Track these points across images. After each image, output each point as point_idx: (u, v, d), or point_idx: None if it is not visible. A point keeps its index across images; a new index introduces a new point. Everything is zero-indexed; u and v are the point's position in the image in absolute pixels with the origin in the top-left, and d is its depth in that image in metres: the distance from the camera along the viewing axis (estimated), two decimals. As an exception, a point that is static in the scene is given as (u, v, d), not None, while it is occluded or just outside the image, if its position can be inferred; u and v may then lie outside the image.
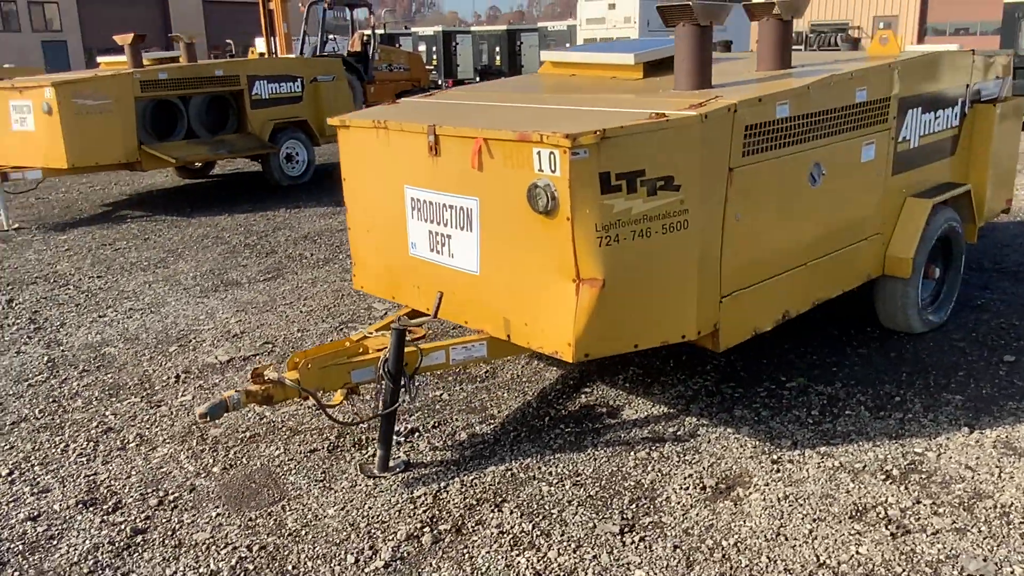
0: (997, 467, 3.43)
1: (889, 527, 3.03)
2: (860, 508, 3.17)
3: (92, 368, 4.77)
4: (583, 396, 4.22)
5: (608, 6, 16.65)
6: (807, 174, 3.89)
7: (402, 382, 3.47)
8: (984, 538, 2.95)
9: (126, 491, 3.43)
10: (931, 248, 4.73)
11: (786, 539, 2.99)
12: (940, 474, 3.39)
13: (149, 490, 3.42)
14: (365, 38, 19.71)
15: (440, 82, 22.86)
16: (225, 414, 3.24)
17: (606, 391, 4.26)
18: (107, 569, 2.90)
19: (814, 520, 3.10)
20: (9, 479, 3.54)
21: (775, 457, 3.57)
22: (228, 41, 19.74)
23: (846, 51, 5.57)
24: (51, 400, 4.33)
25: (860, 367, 4.47)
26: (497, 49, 21.44)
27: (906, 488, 3.29)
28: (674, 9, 3.82)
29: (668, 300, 3.45)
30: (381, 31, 23.35)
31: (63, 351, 5.08)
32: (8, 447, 3.83)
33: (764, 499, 3.25)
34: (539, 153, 3.17)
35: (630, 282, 3.34)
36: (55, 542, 3.08)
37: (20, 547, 3.05)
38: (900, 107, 4.41)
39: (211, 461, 3.65)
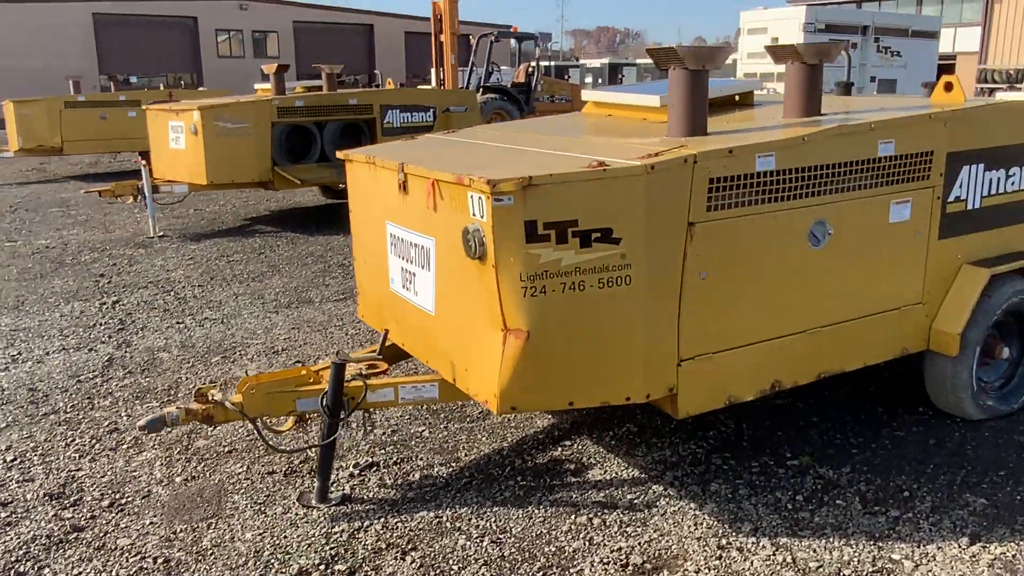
0: (987, 588, 2.93)
1: (804, 641, 2.68)
2: (783, 614, 2.81)
3: (137, 371, 5.20)
4: (558, 449, 4.05)
5: (771, 39, 15.96)
6: (806, 233, 3.54)
7: (341, 415, 3.51)
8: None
9: (91, 489, 3.70)
10: (993, 324, 4.13)
11: (680, 636, 2.72)
12: (906, 586, 2.95)
13: (109, 491, 3.68)
14: (530, 69, 20.18)
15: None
16: (164, 429, 3.43)
17: (585, 447, 4.06)
18: (30, 562, 3.15)
19: (724, 618, 2.79)
20: (8, 465, 3.93)
21: (724, 542, 3.24)
22: (376, 72, 20.86)
23: (920, 98, 5.01)
24: (87, 397, 4.77)
25: (883, 452, 3.97)
26: (600, 81, 21.14)
27: (854, 599, 2.89)
28: (662, 53, 3.63)
29: (608, 358, 3.25)
30: (547, 63, 23.85)
31: (125, 352, 5.57)
32: (27, 436, 4.26)
33: (685, 587, 2.97)
34: (471, 197, 3.11)
35: (560, 336, 3.18)
36: (7, 529, 3.37)
37: (-23, 529, 3.37)
38: (950, 162, 3.91)
39: (178, 471, 3.86)
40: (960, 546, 3.19)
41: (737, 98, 4.90)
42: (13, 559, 3.16)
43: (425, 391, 3.64)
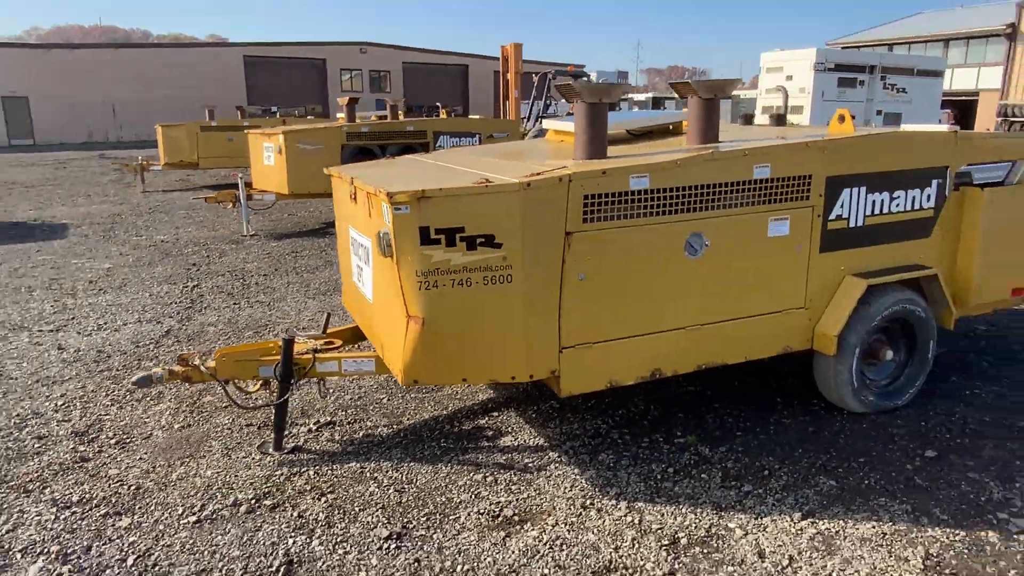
0: (789, 559, 2.81)
1: (616, 589, 2.64)
2: (607, 566, 2.77)
3: (184, 341, 5.49)
4: (485, 418, 4.07)
5: (786, 78, 15.37)
6: (682, 244, 3.46)
7: (292, 382, 3.64)
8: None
9: (108, 430, 3.95)
10: (874, 329, 3.93)
11: (529, 572, 2.72)
12: (724, 552, 2.86)
13: (121, 433, 3.92)
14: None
15: (646, 140, 22.49)
16: (151, 386, 3.62)
17: (508, 417, 4.08)
18: (39, 482, 3.40)
19: (556, 567, 2.78)
20: (56, 408, 4.23)
21: (588, 503, 3.22)
22: (436, 104, 21.07)
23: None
24: (137, 359, 5.07)
25: (763, 436, 3.84)
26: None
27: (675, 557, 2.82)
28: (565, 88, 3.61)
29: (494, 343, 3.27)
30: (627, 97, 23.65)
31: (183, 326, 5.88)
32: (80, 386, 4.57)
33: (536, 538, 2.96)
34: (383, 206, 3.18)
35: (451, 324, 3.22)
36: (35, 457, 3.65)
37: (13, 453, 3.66)
38: (830, 185, 3.73)
39: (179, 420, 4.07)
40: (792, 520, 3.07)
41: (671, 127, 4.81)
42: (28, 480, 3.42)
43: (363, 365, 3.74)
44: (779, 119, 5.21)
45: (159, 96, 35.46)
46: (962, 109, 33.56)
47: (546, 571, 2.74)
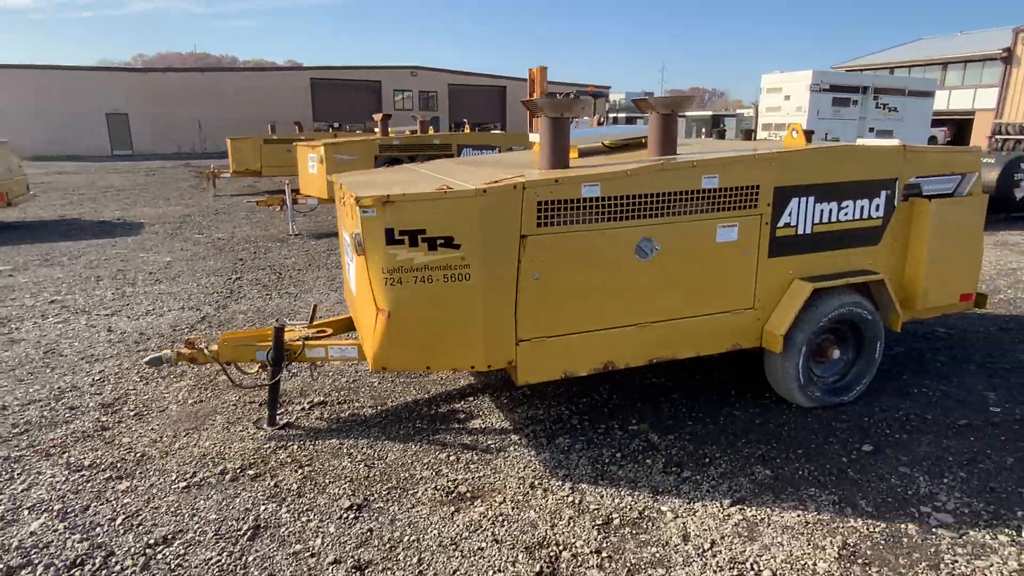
0: (712, 543, 2.67)
1: (543, 561, 2.53)
2: (540, 542, 2.67)
3: (216, 326, 5.54)
4: (460, 402, 4.00)
5: (784, 98, 14.88)
6: (633, 247, 3.32)
7: (283, 365, 3.62)
8: (612, 599, 2.34)
9: (132, 403, 3.99)
10: (821, 329, 3.73)
11: (453, 547, 2.64)
12: (651, 533, 2.73)
13: (142, 406, 3.95)
14: (600, 120, 19.79)
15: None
16: (161, 365, 3.64)
17: (482, 402, 3.99)
18: (61, 447, 3.44)
19: (493, 540, 2.69)
20: (92, 383, 4.29)
21: (536, 483, 3.12)
22: (463, 120, 20.95)
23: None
24: (171, 341, 5.13)
25: (712, 426, 3.68)
26: (703, 130, 20.18)
27: (605, 537, 2.71)
28: (531, 104, 3.50)
29: (454, 335, 3.18)
30: (615, 115, 23.31)
31: (218, 313, 5.94)
32: (117, 364, 4.63)
33: (482, 513, 2.88)
34: (357, 209, 3.12)
35: (415, 316, 3.14)
36: (65, 425, 3.70)
37: (45, 421, 3.71)
38: (778, 195, 3.55)
39: (194, 396, 4.09)
40: (722, 506, 2.92)
41: (643, 140, 4.64)
42: (53, 445, 3.47)
43: (347, 351, 3.69)
44: (748, 134, 5.00)
45: (238, 114, 36.20)
46: (959, 127, 32.26)
47: (483, 545, 2.65)
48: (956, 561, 2.56)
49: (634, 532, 2.73)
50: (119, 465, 3.24)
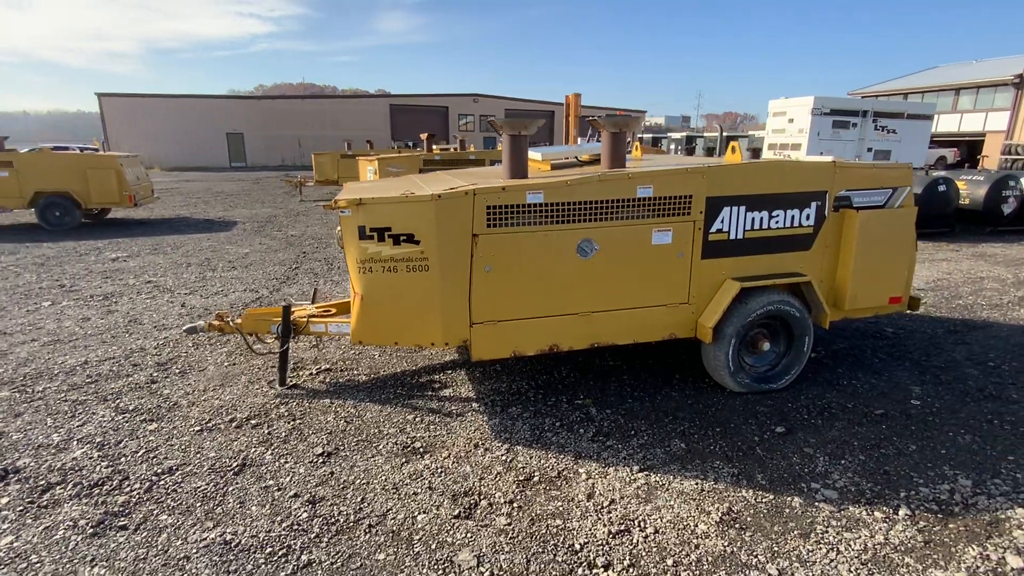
0: (611, 501, 2.64)
1: (462, 507, 2.58)
2: (466, 491, 2.71)
3: (266, 304, 5.80)
4: (440, 374, 4.07)
5: (788, 120, 14.19)
6: (574, 247, 3.30)
7: (291, 337, 3.78)
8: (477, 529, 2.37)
9: (180, 363, 4.24)
10: (750, 323, 3.60)
11: (393, 491, 2.71)
12: (562, 490, 2.73)
13: (187, 366, 4.20)
14: (629, 140, 19.45)
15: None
16: (196, 333, 3.86)
17: (457, 374, 4.05)
18: (115, 394, 3.71)
19: (428, 488, 2.75)
20: (157, 348, 4.59)
21: (480, 443, 3.16)
22: (495, 137, 20.82)
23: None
24: (212, 314, 5.40)
25: (648, 403, 3.61)
26: (715, 149, 19.57)
27: (521, 491, 2.72)
28: (493, 122, 3.51)
29: (416, 316, 3.25)
30: (643, 135, 22.77)
31: (270, 295, 6.21)
32: (180, 333, 4.92)
33: (427, 466, 2.94)
34: (338, 210, 3.23)
35: (383, 300, 3.23)
36: (125, 378, 3.98)
37: (112, 374, 4.01)
38: (711, 204, 3.45)
39: (231, 360, 4.31)
40: (631, 471, 2.88)
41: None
42: (111, 393, 3.75)
43: (343, 328, 3.81)
44: (709, 151, 4.84)
45: (331, 133, 37.47)
46: (970, 148, 30.01)
47: (418, 491, 2.72)
48: (827, 531, 2.44)
49: (547, 488, 2.74)
50: (154, 411, 3.48)
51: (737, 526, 2.47)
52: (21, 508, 2.55)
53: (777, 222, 3.62)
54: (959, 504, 2.63)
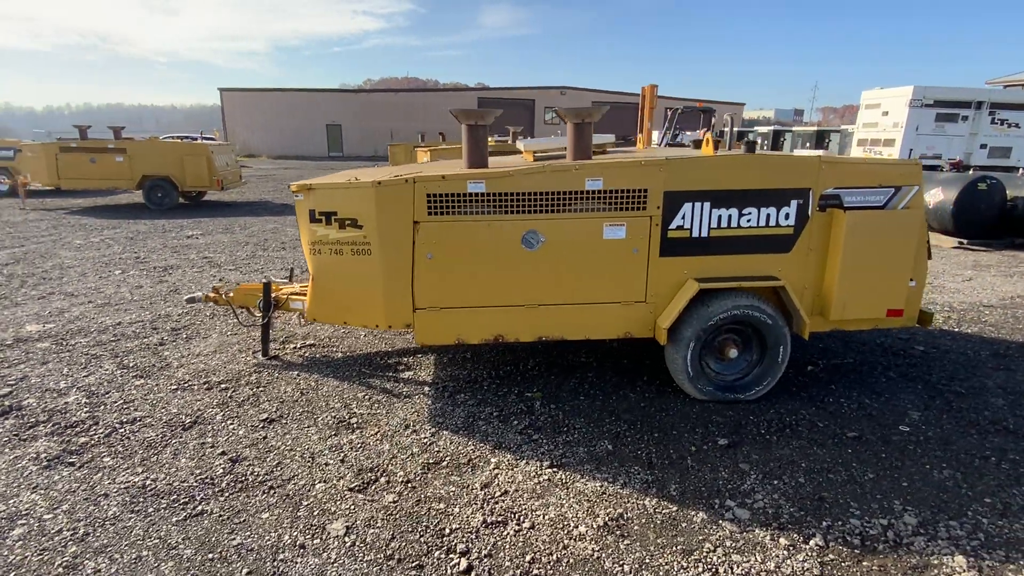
0: (504, 492, 2.63)
1: (361, 481, 2.68)
2: (372, 467, 2.81)
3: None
4: (407, 358, 4.19)
5: (882, 113, 12.75)
6: (519, 238, 3.27)
7: (271, 311, 4.07)
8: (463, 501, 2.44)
9: (192, 328, 4.70)
10: (712, 327, 3.38)
11: (309, 459, 2.88)
12: (463, 476, 2.75)
13: (196, 332, 4.64)
14: (706, 133, 18.53)
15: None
16: (195, 303, 4.26)
17: (424, 359, 4.15)
18: (126, 353, 4.20)
19: (340, 460, 2.88)
20: (179, 314, 5.11)
21: (414, 423, 3.24)
22: (558, 133, 20.29)
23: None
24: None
25: (598, 403, 3.51)
26: (808, 144, 17.91)
27: (425, 472, 2.78)
28: (455, 113, 3.54)
29: (361, 298, 3.39)
30: (737, 128, 21.49)
31: (301, 274, 6.65)
32: (201, 301, 5.43)
33: (350, 440, 3.08)
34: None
35: (330, 281, 3.40)
36: (140, 339, 4.49)
37: (132, 335, 4.53)
38: (669, 199, 3.27)
39: (234, 331, 4.72)
40: (540, 467, 2.84)
41: (600, 147, 4.44)
42: (123, 351, 4.25)
43: (317, 306, 4.05)
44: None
45: (421, 125, 38.94)
46: None
47: (330, 462, 2.86)
48: (714, 552, 2.28)
49: (450, 473, 2.77)
50: (147, 369, 3.92)
51: (618, 533, 2.37)
52: (6, 439, 3.00)
53: (749, 221, 3.35)
54: (888, 542, 2.33)
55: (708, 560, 2.23)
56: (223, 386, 3.67)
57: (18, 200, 13.18)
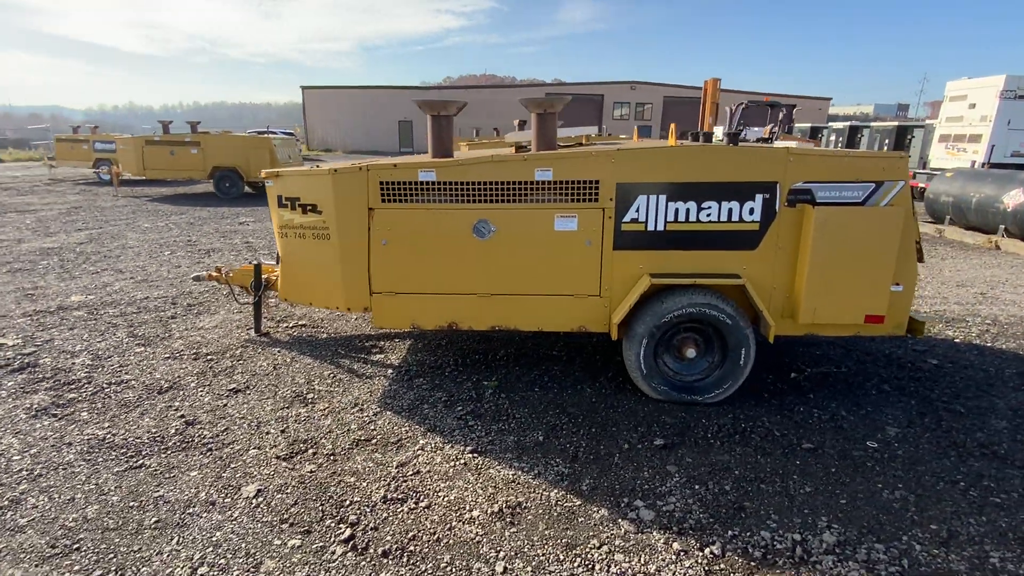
0: (415, 472, 2.69)
1: (290, 450, 2.84)
2: (305, 439, 2.97)
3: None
4: (384, 342, 4.33)
5: (968, 106, 11.47)
6: (470, 227, 3.31)
7: (260, 289, 4.34)
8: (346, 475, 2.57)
9: (202, 304, 5.10)
10: (667, 325, 3.26)
11: (255, 425, 3.07)
12: (383, 455, 2.85)
13: (204, 307, 5.03)
14: (773, 129, 17.53)
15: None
16: (200, 281, 4.63)
17: (398, 345, 4.28)
18: (141, 324, 4.63)
19: (280, 430, 3.05)
20: (200, 291, 5.55)
21: (359, 403, 3.38)
22: (602, 126, 19.59)
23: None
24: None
25: (551, 395, 3.48)
26: (887, 141, 16.37)
27: (352, 448, 2.90)
28: (421, 104, 3.62)
29: (322, 281, 3.55)
30: (791, 124, 20.14)
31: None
32: (212, 286, 5.86)
33: (299, 412, 3.25)
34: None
35: (296, 263, 3.59)
36: (159, 312, 4.93)
37: (152, 308, 4.99)
38: (622, 191, 3.18)
39: (241, 309, 5.06)
40: (462, 451, 2.88)
41: (582, 140, 4.37)
42: (138, 322, 4.68)
43: (302, 288, 4.27)
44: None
45: (487, 121, 39.50)
46: None
47: (271, 431, 3.04)
48: (599, 548, 2.23)
49: (374, 450, 2.87)
50: (151, 338, 4.31)
51: (509, 521, 2.37)
52: (13, 391, 3.43)
53: (709, 215, 3.20)
54: (791, 559, 2.18)
55: (588, 557, 2.18)
56: (208, 357, 3.98)
57: (113, 188, 14.72)
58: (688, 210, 3.20)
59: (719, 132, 18.98)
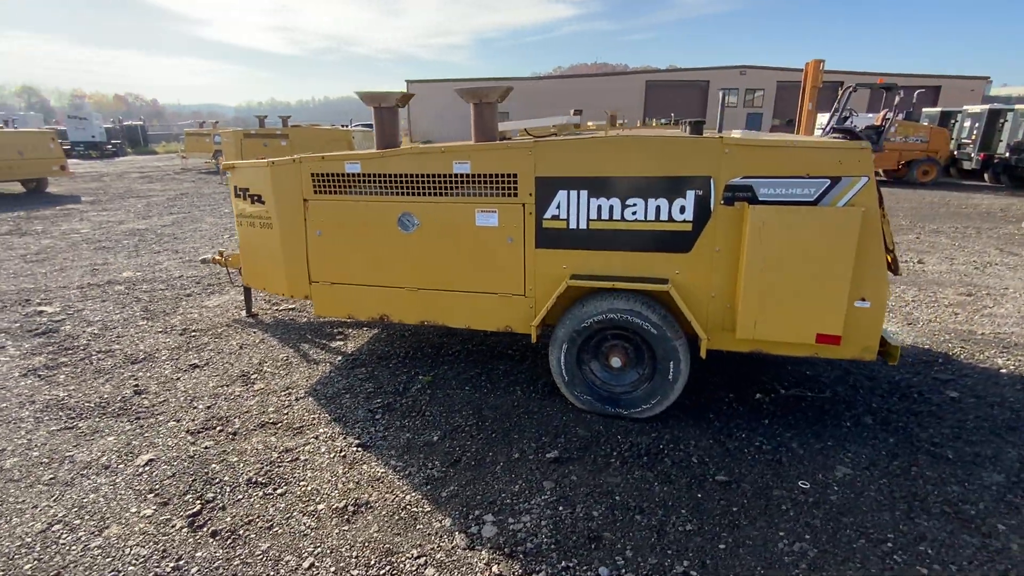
0: (294, 459, 2.75)
1: (202, 423, 3.03)
2: (219, 416, 3.14)
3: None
4: (352, 330, 4.44)
5: None
6: (395, 220, 3.29)
7: (249, 275, 4.64)
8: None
9: (212, 283, 5.55)
10: (587, 330, 3.03)
11: (189, 398, 3.31)
12: (277, 438, 2.95)
13: (213, 287, 5.48)
14: (886, 115, 15.47)
15: (973, 155, 15.75)
16: (207, 264, 5.04)
17: (364, 332, 4.37)
18: (157, 301, 5.15)
19: (207, 406, 3.26)
20: (210, 275, 6.05)
21: (291, 386, 3.50)
22: (673, 115, 17.92)
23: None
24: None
25: (480, 395, 3.38)
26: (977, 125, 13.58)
27: (254, 427, 3.03)
28: (360, 95, 3.64)
29: (269, 267, 3.72)
30: (936, 109, 17.48)
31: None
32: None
33: (233, 391, 3.45)
34: (241, 173, 3.89)
35: (250, 251, 3.80)
36: (175, 290, 5.46)
37: (167, 287, 5.54)
38: (541, 185, 2.99)
39: (239, 292, 5.45)
40: (351, 443, 2.89)
41: (571, 127, 4.14)
42: (157, 298, 5.22)
43: (280, 274, 4.51)
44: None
45: (585, 111, 38.92)
46: None
47: (200, 406, 3.25)
48: (416, 559, 2.14)
49: (273, 433, 2.97)
50: (154, 312, 4.79)
51: (346, 518, 2.35)
52: (26, 352, 3.99)
53: (635, 213, 2.90)
54: (614, 601, 1.94)
55: (399, 566, 2.11)
56: (192, 334, 4.34)
57: (220, 176, 16.50)
58: (612, 207, 2.93)
59: (822, 120, 17.09)
